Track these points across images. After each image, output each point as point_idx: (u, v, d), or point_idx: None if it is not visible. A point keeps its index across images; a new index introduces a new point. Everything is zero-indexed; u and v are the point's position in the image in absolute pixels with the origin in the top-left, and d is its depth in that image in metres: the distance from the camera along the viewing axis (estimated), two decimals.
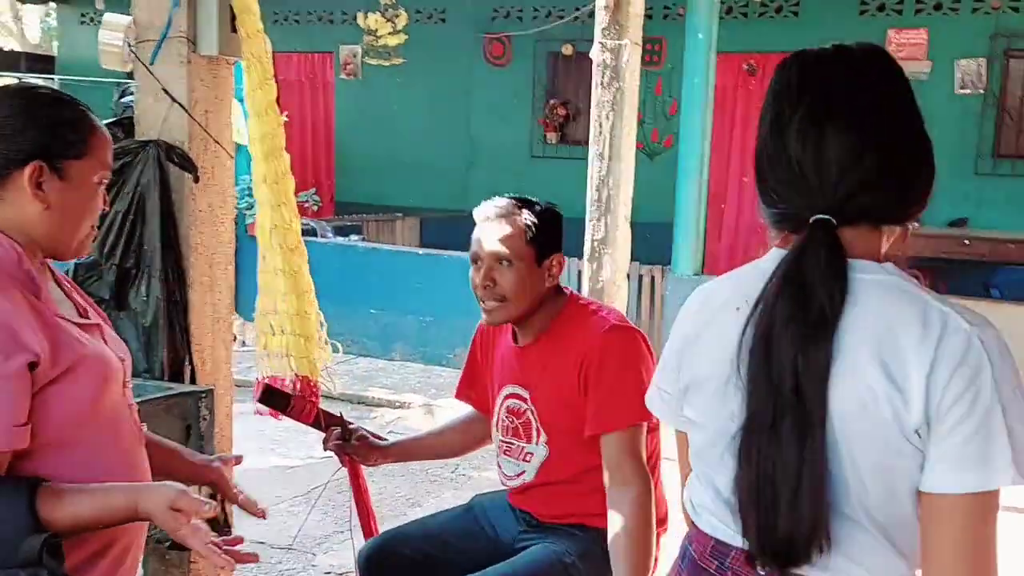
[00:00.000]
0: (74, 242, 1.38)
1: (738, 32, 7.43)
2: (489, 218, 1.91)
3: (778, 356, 0.99)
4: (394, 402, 5.32)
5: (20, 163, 1.30)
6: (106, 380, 1.36)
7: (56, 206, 1.33)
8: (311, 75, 9.16)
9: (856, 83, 1.06)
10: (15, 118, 1.31)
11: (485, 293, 1.90)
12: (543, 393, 1.94)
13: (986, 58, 6.93)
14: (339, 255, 6.32)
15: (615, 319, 1.91)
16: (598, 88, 4.45)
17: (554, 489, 1.96)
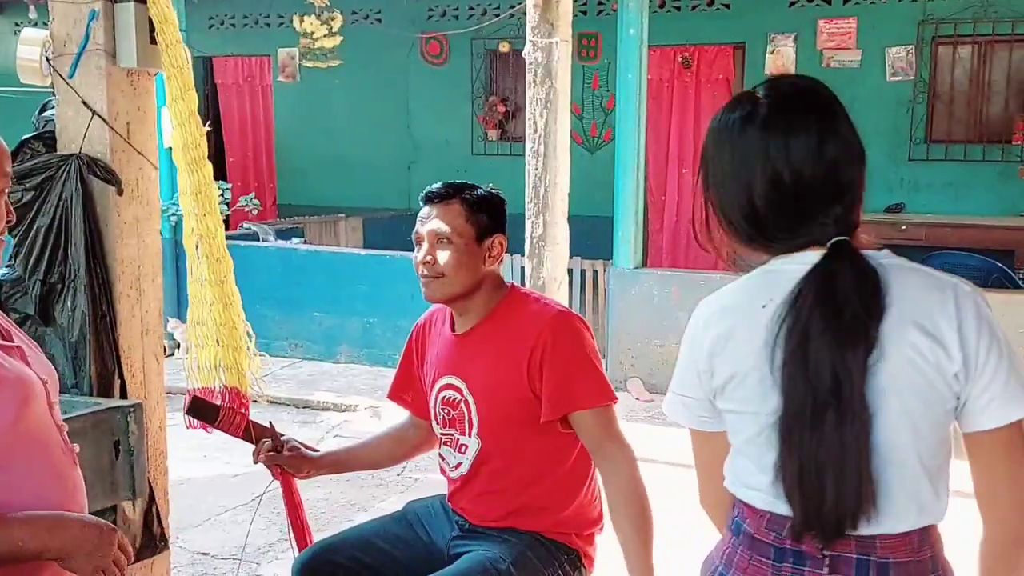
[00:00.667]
0: None
1: (672, 25, 7.53)
2: (431, 199, 1.95)
3: (815, 362, 1.13)
4: (340, 405, 5.32)
5: None
6: (27, 400, 1.34)
7: None
8: (249, 78, 9.07)
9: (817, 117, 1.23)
10: None
11: (425, 269, 1.93)
12: (480, 383, 1.95)
13: (915, 45, 7.12)
14: (281, 258, 6.28)
15: (558, 306, 1.97)
16: (531, 86, 4.50)
17: (489, 483, 1.97)
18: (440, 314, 2.10)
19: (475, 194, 1.97)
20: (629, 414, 5.20)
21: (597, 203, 6.53)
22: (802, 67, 7.44)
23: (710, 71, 7.84)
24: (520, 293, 2.02)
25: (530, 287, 4.58)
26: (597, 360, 1.92)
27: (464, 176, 7.76)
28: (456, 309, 2.00)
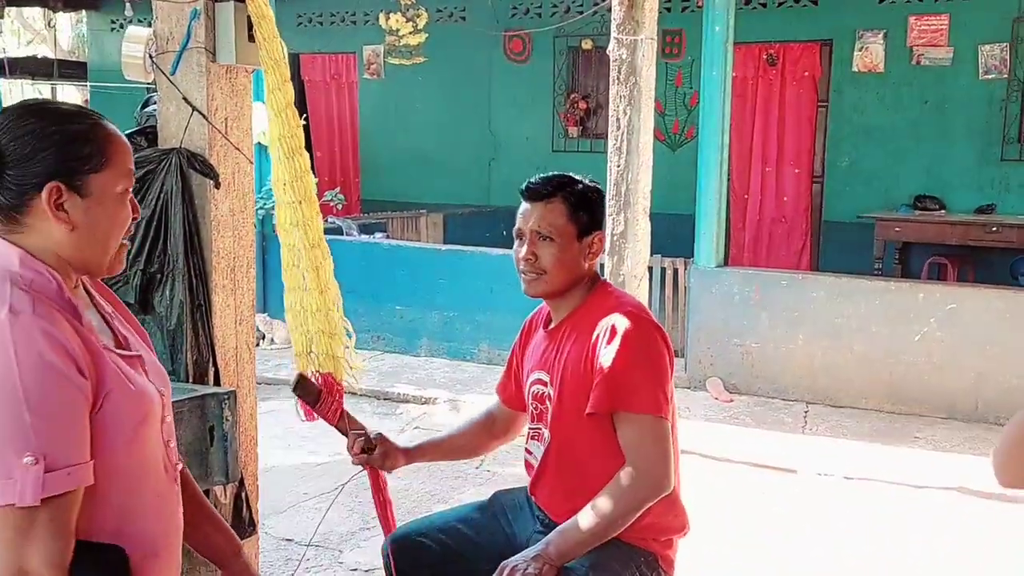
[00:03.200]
0: (106, 259, 1.30)
1: (757, 22, 7.39)
2: (532, 194, 1.97)
3: None
4: (420, 398, 5.39)
5: (37, 187, 1.23)
6: (144, 418, 1.30)
7: (82, 225, 1.26)
8: (336, 75, 9.26)
9: None
10: (24, 140, 1.23)
11: (526, 266, 1.95)
12: (560, 376, 1.96)
13: (1009, 43, 6.84)
14: (363, 252, 6.40)
15: (632, 306, 1.94)
16: (615, 83, 4.48)
17: (560, 478, 1.98)
18: (543, 310, 2.13)
19: (576, 190, 1.97)
20: (708, 414, 5.14)
21: (679, 201, 6.47)
22: (891, 65, 7.23)
23: (795, 68, 7.67)
24: (606, 290, 2.02)
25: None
26: (657, 369, 1.86)
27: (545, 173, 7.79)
28: (553, 305, 2.02)
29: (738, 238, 8.08)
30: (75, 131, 1.25)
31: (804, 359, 5.33)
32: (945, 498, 3.96)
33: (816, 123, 7.73)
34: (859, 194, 7.38)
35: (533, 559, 1.77)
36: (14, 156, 1.23)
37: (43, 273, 1.24)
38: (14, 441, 1.13)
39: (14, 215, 1.24)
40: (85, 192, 1.26)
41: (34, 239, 1.26)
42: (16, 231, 1.25)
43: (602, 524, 1.80)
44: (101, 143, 1.27)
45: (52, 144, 1.23)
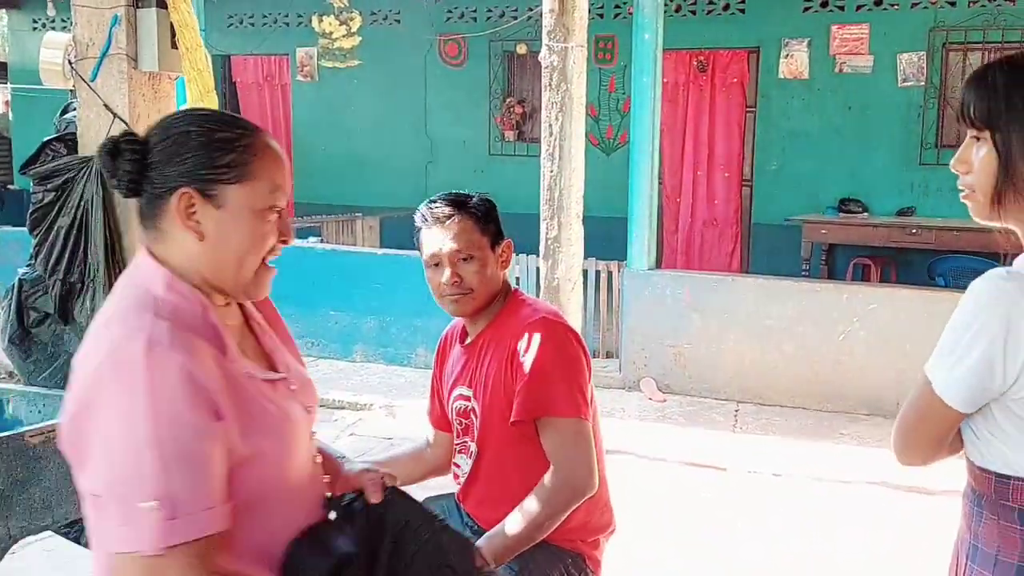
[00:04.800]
0: (240, 280, 1.23)
1: (688, 29, 7.55)
2: (438, 219, 1.95)
3: None
4: (355, 404, 5.36)
5: (171, 191, 1.18)
6: (293, 444, 1.25)
7: (212, 237, 1.19)
8: (268, 77, 9.17)
9: None
10: (170, 142, 1.20)
11: (454, 289, 1.93)
12: (481, 389, 1.97)
13: (926, 52, 7.11)
14: (297, 257, 6.33)
15: (546, 312, 1.97)
16: (547, 90, 4.52)
17: (488, 488, 2.00)
18: (456, 327, 2.12)
19: (476, 204, 1.98)
20: (642, 414, 5.22)
21: (613, 204, 6.56)
22: (815, 72, 7.45)
23: (725, 75, 7.86)
24: (519, 298, 2.03)
25: (545, 288, 4.61)
26: (574, 372, 1.89)
27: (482, 176, 7.91)
28: (473, 320, 2.02)
29: (671, 241, 8.23)
30: (219, 138, 1.20)
31: (734, 359, 5.45)
32: (870, 492, 4.09)
33: (745, 128, 7.93)
34: (786, 197, 7.58)
35: None
36: (158, 157, 1.19)
37: (188, 297, 1.19)
38: (137, 485, 1.06)
39: (153, 220, 1.21)
40: (219, 203, 1.19)
41: (174, 250, 1.21)
42: (158, 239, 1.21)
43: (529, 528, 1.82)
44: (247, 154, 1.20)
45: (193, 148, 1.19)
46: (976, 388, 1.23)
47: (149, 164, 1.19)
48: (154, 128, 1.21)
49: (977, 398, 1.25)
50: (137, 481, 1.06)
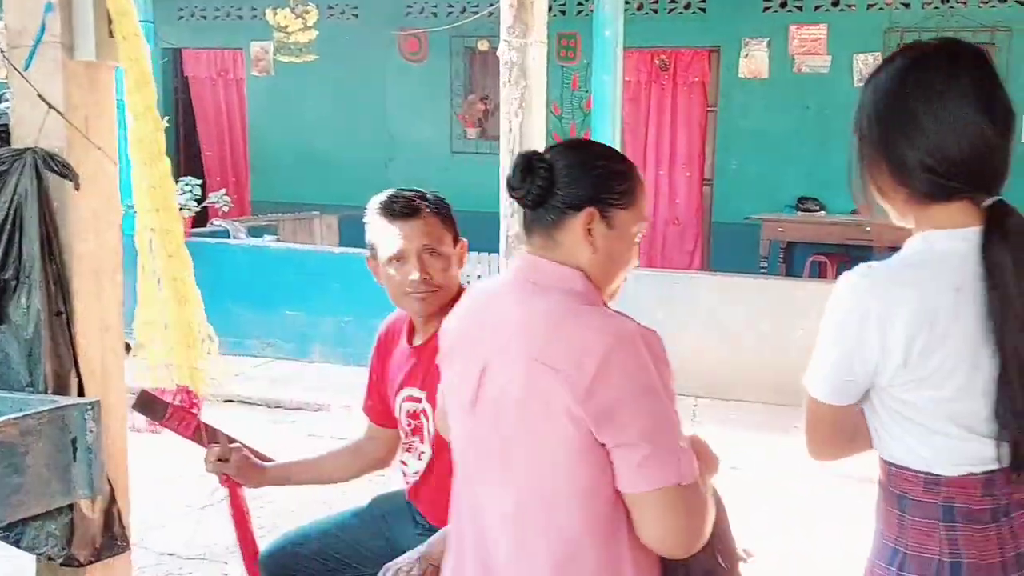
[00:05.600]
0: (612, 288, 1.44)
1: (649, 27, 7.55)
2: (403, 214, 1.91)
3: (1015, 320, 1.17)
4: (313, 404, 5.28)
5: (576, 208, 1.37)
6: None
7: (602, 252, 1.39)
8: (222, 72, 9.00)
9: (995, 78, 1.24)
10: (574, 167, 1.39)
11: (422, 286, 1.90)
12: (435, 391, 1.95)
13: (881, 52, 7.18)
14: (252, 256, 6.23)
15: None
16: (506, 86, 4.48)
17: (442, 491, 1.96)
18: (397, 324, 2.10)
19: (436, 201, 1.96)
20: None
21: None
22: (774, 72, 7.50)
23: (686, 74, 7.88)
24: None
25: None
26: None
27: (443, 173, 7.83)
28: (426, 320, 1.98)
29: None
30: (616, 169, 1.43)
31: (694, 355, 5.45)
32: (826, 484, 4.11)
33: (706, 127, 7.96)
34: (746, 196, 7.62)
35: (417, 560, 1.79)
36: (564, 179, 1.38)
37: (595, 293, 1.40)
38: (672, 433, 1.30)
39: (552, 231, 1.39)
40: (612, 224, 1.40)
41: (562, 256, 1.39)
42: (549, 247, 1.39)
43: None
44: (633, 185, 1.43)
45: (596, 175, 1.40)
46: (839, 381, 1.29)
47: (555, 183, 1.38)
48: (554, 153, 1.42)
49: (845, 391, 1.30)
50: (671, 429, 1.30)
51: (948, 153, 1.23)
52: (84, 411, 2.10)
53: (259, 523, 3.81)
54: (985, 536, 1.25)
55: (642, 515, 1.30)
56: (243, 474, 2.10)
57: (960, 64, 1.25)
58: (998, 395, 1.21)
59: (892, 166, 1.28)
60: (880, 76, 1.30)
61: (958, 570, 1.25)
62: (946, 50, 1.28)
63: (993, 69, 1.27)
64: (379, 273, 1.99)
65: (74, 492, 2.14)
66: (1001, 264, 1.19)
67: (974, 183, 1.24)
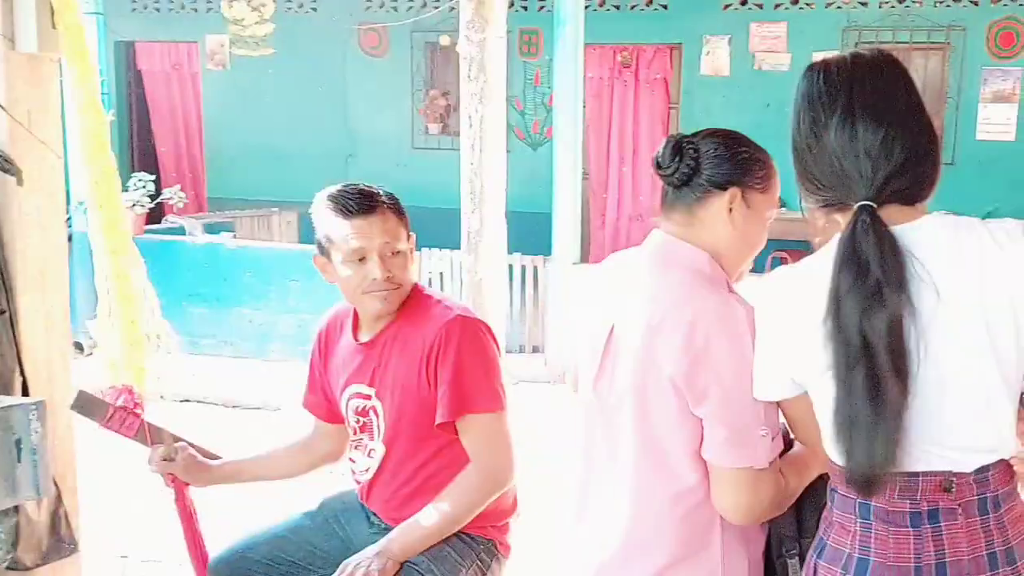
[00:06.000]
0: (738, 268, 1.56)
1: (611, 24, 7.56)
2: (362, 210, 1.86)
3: (845, 319, 1.18)
4: (272, 404, 5.21)
5: (720, 188, 1.50)
6: None
7: (739, 230, 1.51)
8: (177, 65, 8.83)
9: (878, 87, 1.25)
10: (720, 152, 1.51)
11: (386, 284, 1.87)
12: (387, 389, 1.92)
13: (839, 50, 7.25)
14: (208, 254, 6.13)
15: (457, 308, 1.94)
16: (466, 81, 4.44)
17: (397, 486, 1.96)
18: (339, 319, 2.06)
19: (390, 196, 1.93)
20: (567, 407, 5.20)
21: (540, 199, 6.52)
22: (736, 69, 7.55)
23: (648, 71, 7.90)
24: (423, 294, 1.98)
25: (468, 282, 4.54)
26: (493, 365, 1.91)
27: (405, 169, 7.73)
28: (383, 316, 1.94)
29: (598, 236, 8.24)
30: (757, 156, 1.55)
31: None
32: None
33: (668, 124, 7.99)
34: None
35: (376, 555, 1.78)
36: (710, 161, 1.50)
37: (720, 273, 1.50)
38: (754, 417, 1.39)
39: (694, 208, 1.51)
40: (750, 204, 1.53)
41: (703, 235, 1.51)
42: (688, 224, 1.51)
43: (447, 521, 1.85)
44: (768, 171, 1.55)
45: (741, 159, 1.52)
46: (768, 379, 1.36)
47: (701, 165, 1.50)
48: (701, 138, 1.53)
49: (776, 388, 1.36)
50: (754, 414, 1.39)
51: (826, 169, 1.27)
52: (28, 411, 2.06)
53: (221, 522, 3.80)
54: (899, 538, 1.24)
55: (717, 485, 1.43)
56: (190, 473, 2.04)
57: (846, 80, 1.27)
58: (835, 401, 1.22)
59: (799, 178, 1.34)
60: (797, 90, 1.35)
61: (865, 566, 1.26)
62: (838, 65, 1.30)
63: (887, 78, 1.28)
64: (329, 271, 1.94)
65: (19, 494, 2.10)
66: (834, 270, 1.21)
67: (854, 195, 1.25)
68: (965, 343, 1.20)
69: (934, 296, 1.19)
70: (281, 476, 2.21)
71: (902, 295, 1.18)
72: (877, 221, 1.21)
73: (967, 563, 1.23)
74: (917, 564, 1.24)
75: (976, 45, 6.95)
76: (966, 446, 1.23)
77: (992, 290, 1.19)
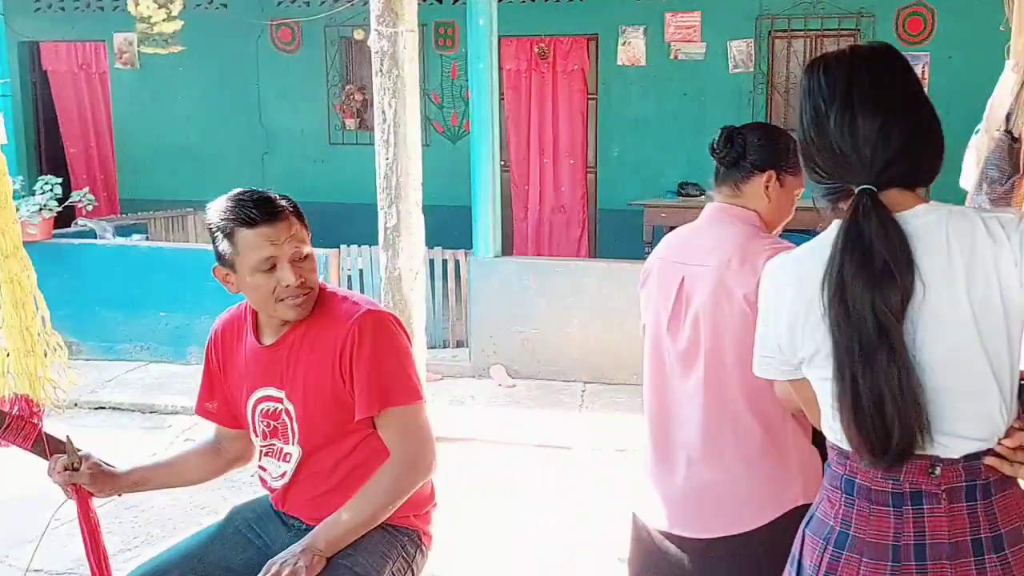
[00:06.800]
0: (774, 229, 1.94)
1: (527, 16, 7.57)
2: (269, 217, 1.81)
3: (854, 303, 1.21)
4: (189, 408, 5.04)
5: (761, 170, 1.92)
6: None
7: (774, 202, 1.93)
8: (84, 65, 8.56)
9: (875, 77, 1.29)
10: (763, 141, 1.92)
11: (300, 291, 1.83)
12: (299, 390, 1.89)
13: (753, 39, 7.42)
14: (120, 256, 5.94)
15: (367, 304, 1.92)
16: (378, 76, 4.38)
17: (315, 486, 1.93)
18: (235, 323, 2.01)
19: (290, 200, 1.89)
20: (492, 400, 5.21)
21: (460, 193, 6.51)
22: (652, 59, 7.64)
23: (566, 62, 7.94)
24: (326, 292, 1.95)
25: (386, 278, 4.48)
26: (407, 357, 1.91)
27: (322, 165, 7.60)
28: (283, 320, 1.91)
29: (521, 228, 8.26)
30: (790, 146, 1.90)
31: (580, 341, 5.52)
32: None
33: (587, 115, 8.04)
34: (629, 183, 7.74)
35: (301, 552, 1.77)
36: (754, 147, 1.92)
37: (764, 231, 1.91)
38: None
39: (739, 184, 1.93)
40: (783, 183, 1.94)
41: (746, 203, 1.92)
42: (736, 196, 1.94)
43: (370, 513, 1.84)
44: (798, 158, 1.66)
45: (778, 148, 1.93)
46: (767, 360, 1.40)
47: (747, 150, 1.92)
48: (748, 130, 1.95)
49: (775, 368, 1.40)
50: None
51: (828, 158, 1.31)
52: None
53: (132, 532, 3.68)
54: (879, 516, 1.27)
55: None
56: (95, 482, 1.97)
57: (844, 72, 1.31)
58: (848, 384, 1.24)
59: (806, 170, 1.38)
60: None
61: (844, 540, 1.30)
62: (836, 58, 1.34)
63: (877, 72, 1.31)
64: (233, 281, 1.87)
65: None
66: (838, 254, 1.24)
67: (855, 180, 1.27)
68: (952, 332, 1.22)
69: (922, 285, 1.21)
70: (190, 482, 2.15)
71: (912, 274, 1.20)
72: (878, 204, 1.23)
73: (947, 547, 1.24)
74: (895, 543, 1.26)
75: (885, 31, 7.17)
76: (952, 432, 1.24)
77: (981, 281, 1.21)
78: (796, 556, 1.38)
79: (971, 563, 1.24)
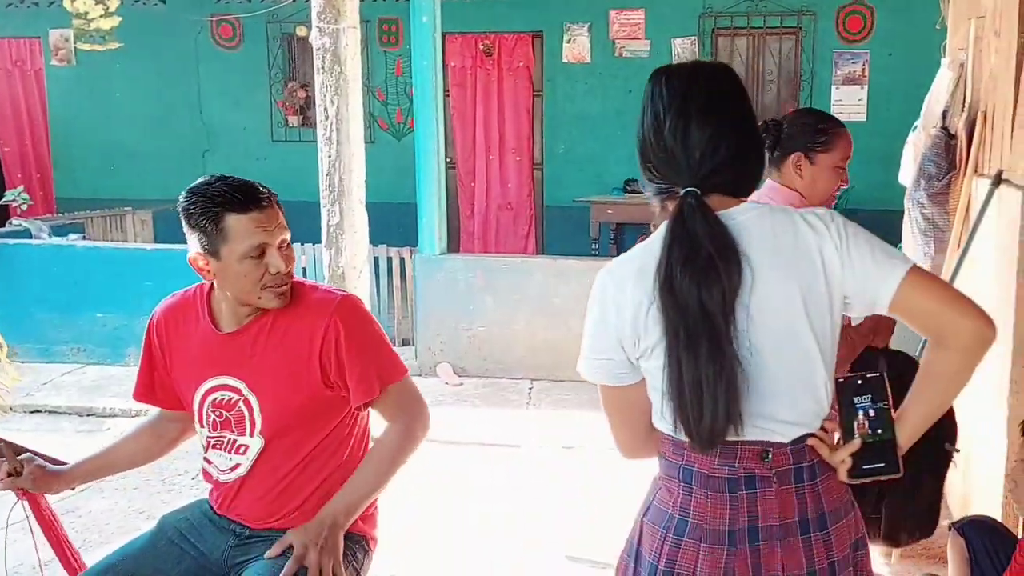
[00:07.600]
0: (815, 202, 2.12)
1: (471, 13, 7.56)
2: (256, 203, 1.77)
3: (680, 293, 1.27)
4: (129, 410, 4.97)
5: (790, 153, 2.30)
6: None
7: (808, 180, 2.30)
8: (18, 62, 8.34)
9: (711, 92, 1.37)
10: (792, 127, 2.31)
11: (285, 279, 1.82)
12: (265, 380, 1.84)
13: (696, 36, 7.50)
14: (55, 256, 5.79)
15: (339, 292, 1.92)
16: (320, 73, 4.35)
17: (271, 482, 1.88)
18: (183, 308, 1.95)
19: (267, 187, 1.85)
20: (439, 399, 5.18)
21: (406, 190, 6.47)
22: (597, 56, 7.68)
23: (511, 59, 7.94)
24: (295, 283, 1.91)
25: (329, 276, 4.44)
26: (384, 335, 1.95)
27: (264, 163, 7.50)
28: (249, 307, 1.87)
29: (468, 225, 8.24)
30: (818, 126, 2.33)
31: (527, 338, 5.53)
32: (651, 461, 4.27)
33: (533, 112, 8.06)
34: (575, 179, 7.78)
35: (329, 528, 1.78)
36: (785, 134, 2.32)
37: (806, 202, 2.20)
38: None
39: (779, 164, 2.31)
40: (814, 161, 2.32)
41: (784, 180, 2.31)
42: (779, 176, 2.32)
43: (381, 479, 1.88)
44: (831, 136, 2.33)
45: (802, 131, 2.31)
46: (600, 363, 1.41)
47: (781, 136, 2.31)
48: (785, 118, 2.35)
49: (605, 371, 1.40)
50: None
51: (663, 160, 1.38)
52: None
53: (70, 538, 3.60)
54: (716, 503, 1.33)
55: None
56: (41, 483, 1.92)
57: (685, 84, 1.38)
58: (673, 370, 1.29)
59: (641, 168, 1.44)
60: None
61: (684, 527, 1.35)
62: (680, 71, 1.42)
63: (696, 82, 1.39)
64: (213, 268, 1.82)
65: None
66: (667, 248, 1.30)
67: (683, 182, 1.35)
68: (781, 319, 1.29)
69: (751, 274, 1.28)
70: (137, 464, 2.12)
71: (734, 267, 1.27)
72: (703, 204, 1.31)
73: (777, 528, 1.32)
74: (731, 528, 1.33)
75: (827, 29, 7.31)
76: (783, 418, 1.32)
77: (807, 267, 1.29)
78: (635, 545, 1.43)
79: (798, 541, 1.32)
